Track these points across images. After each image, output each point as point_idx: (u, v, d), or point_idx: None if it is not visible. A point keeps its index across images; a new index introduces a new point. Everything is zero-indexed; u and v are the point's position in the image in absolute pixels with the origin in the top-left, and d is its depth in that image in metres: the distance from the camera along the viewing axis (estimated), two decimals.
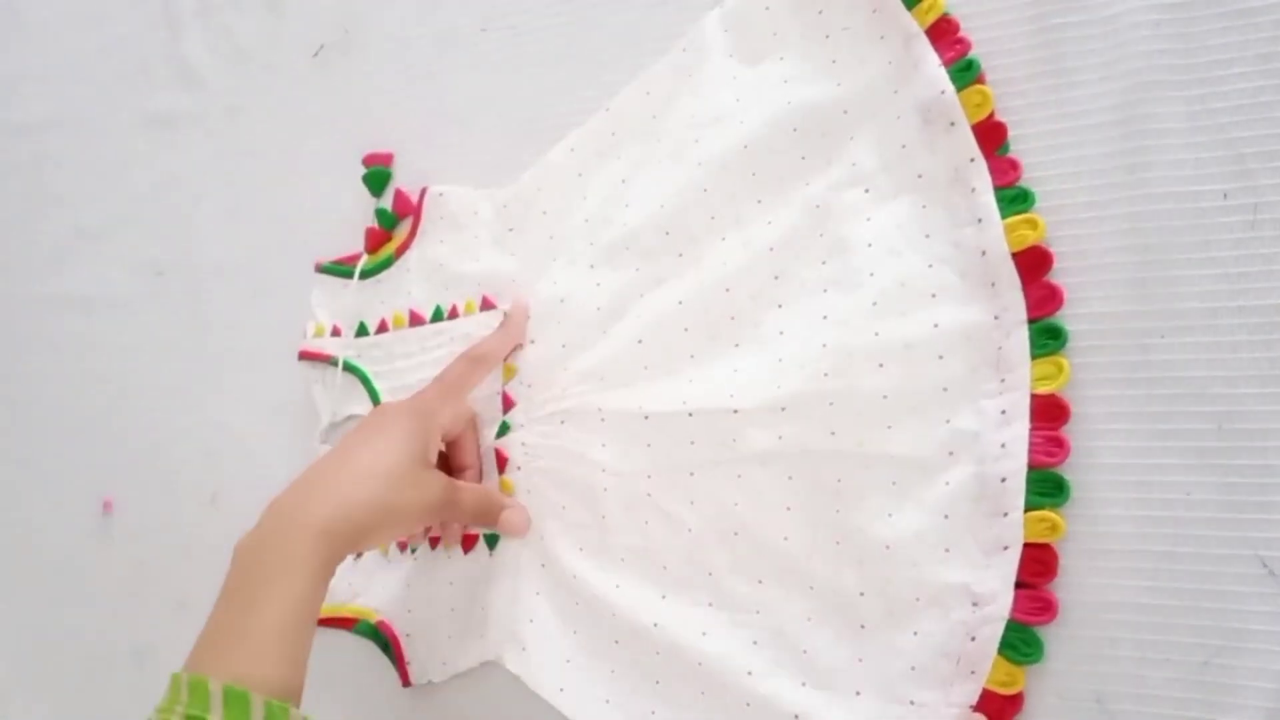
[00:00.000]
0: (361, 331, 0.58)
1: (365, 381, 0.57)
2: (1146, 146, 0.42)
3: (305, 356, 0.59)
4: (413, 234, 0.57)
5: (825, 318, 0.46)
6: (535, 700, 0.49)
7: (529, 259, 0.54)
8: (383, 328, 0.58)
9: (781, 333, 0.47)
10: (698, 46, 0.52)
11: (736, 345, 0.48)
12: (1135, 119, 0.42)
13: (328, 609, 0.56)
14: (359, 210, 0.60)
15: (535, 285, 0.53)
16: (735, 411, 0.47)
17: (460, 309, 0.55)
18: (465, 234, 0.56)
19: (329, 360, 0.58)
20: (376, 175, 0.58)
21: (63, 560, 0.66)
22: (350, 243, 0.60)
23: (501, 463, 0.52)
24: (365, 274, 0.59)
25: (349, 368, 0.58)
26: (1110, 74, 0.43)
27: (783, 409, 0.46)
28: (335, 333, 0.59)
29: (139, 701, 0.51)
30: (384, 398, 0.56)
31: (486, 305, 0.54)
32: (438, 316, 0.56)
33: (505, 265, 0.55)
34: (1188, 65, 0.41)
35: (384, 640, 0.54)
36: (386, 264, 0.58)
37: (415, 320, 0.57)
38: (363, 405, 0.57)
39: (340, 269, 0.59)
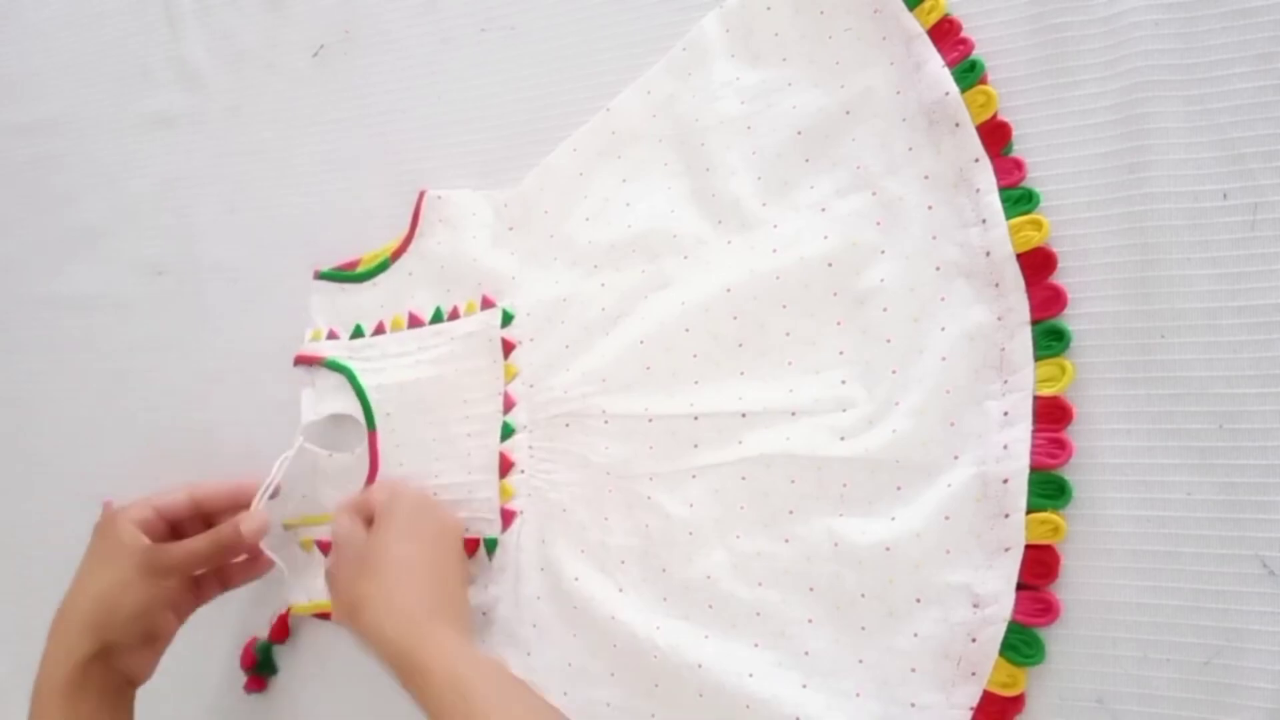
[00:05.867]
0: (357, 333, 0.58)
1: (352, 379, 0.56)
2: (1146, 146, 0.42)
3: (300, 361, 0.58)
4: (409, 237, 0.57)
5: (837, 323, 0.46)
6: None
7: (529, 258, 0.54)
8: (380, 330, 0.57)
9: (788, 334, 0.47)
10: (698, 46, 0.52)
11: (740, 345, 0.48)
12: (1135, 119, 0.42)
13: (325, 604, 0.56)
14: (359, 210, 0.60)
15: (536, 284, 0.53)
16: (743, 415, 0.47)
17: (461, 309, 0.55)
18: (464, 234, 0.56)
19: (322, 362, 0.58)
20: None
21: (63, 560, 0.66)
22: (349, 242, 0.59)
23: (505, 466, 0.52)
24: (361, 277, 0.58)
25: (335, 366, 0.57)
26: (1110, 74, 0.43)
27: (792, 413, 0.46)
28: (332, 336, 0.59)
29: (137, 701, 0.51)
30: (371, 395, 0.56)
31: (487, 304, 0.54)
32: (437, 318, 0.56)
33: (505, 264, 0.54)
34: (1188, 65, 0.41)
35: None
36: (383, 267, 0.58)
37: (414, 322, 0.56)
38: (348, 403, 0.56)
39: (338, 274, 0.59)
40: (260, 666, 0.58)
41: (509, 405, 0.53)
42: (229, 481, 0.54)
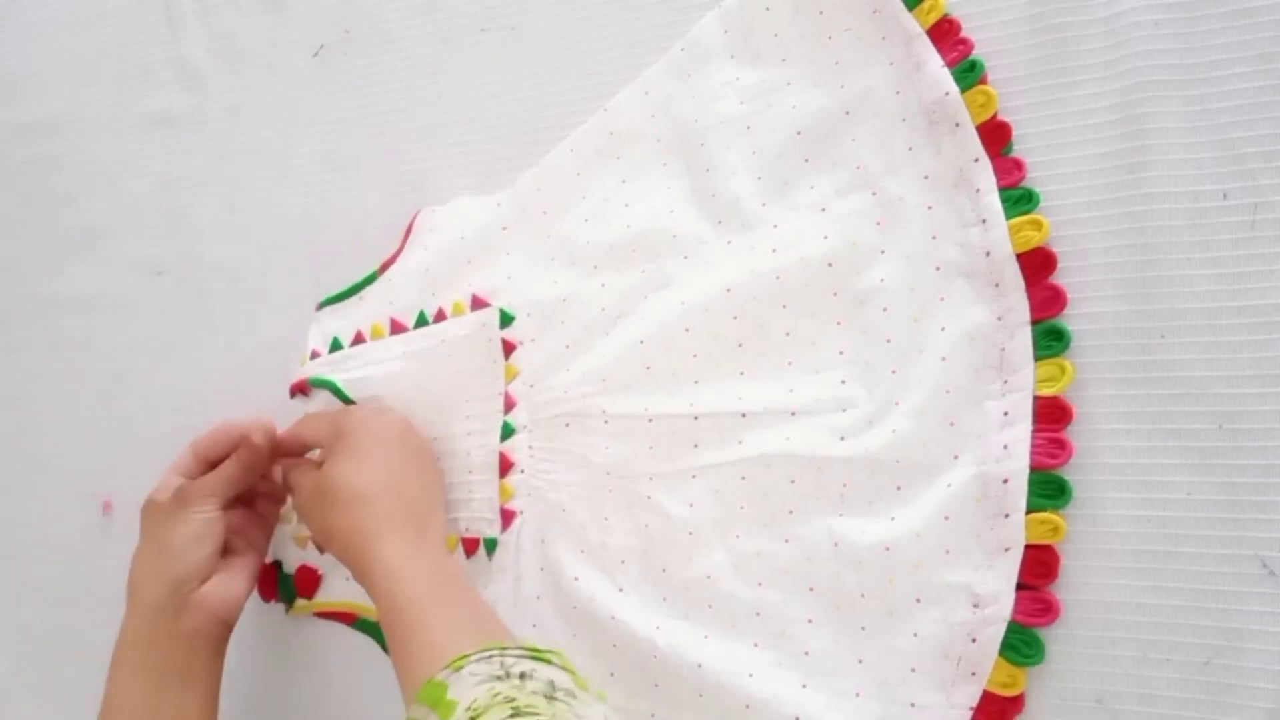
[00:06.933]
0: (335, 347, 0.57)
1: (336, 391, 0.55)
2: (1146, 146, 0.42)
3: (295, 391, 0.57)
4: (400, 250, 0.57)
5: (837, 323, 0.46)
6: None
7: (527, 258, 0.54)
8: (359, 339, 0.57)
9: (788, 334, 0.47)
10: (697, 46, 0.52)
11: (740, 346, 0.48)
12: (1135, 119, 0.42)
13: (324, 603, 0.56)
14: (359, 210, 0.60)
15: (534, 284, 0.53)
16: (743, 415, 0.47)
17: (448, 310, 0.55)
18: (455, 235, 0.55)
19: (308, 382, 0.57)
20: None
21: (63, 560, 0.66)
22: (349, 242, 0.59)
23: (505, 466, 0.52)
24: (350, 292, 0.58)
25: (319, 383, 0.56)
26: (1110, 74, 0.43)
27: (792, 413, 0.46)
28: (315, 355, 0.58)
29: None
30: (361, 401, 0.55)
31: (478, 304, 0.54)
32: (421, 322, 0.55)
33: (502, 264, 0.54)
34: (1188, 65, 0.42)
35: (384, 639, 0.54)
36: (370, 280, 0.57)
37: (396, 328, 0.56)
38: None
39: (333, 297, 0.59)
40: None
41: (509, 405, 0.53)
42: (217, 427, 0.54)
